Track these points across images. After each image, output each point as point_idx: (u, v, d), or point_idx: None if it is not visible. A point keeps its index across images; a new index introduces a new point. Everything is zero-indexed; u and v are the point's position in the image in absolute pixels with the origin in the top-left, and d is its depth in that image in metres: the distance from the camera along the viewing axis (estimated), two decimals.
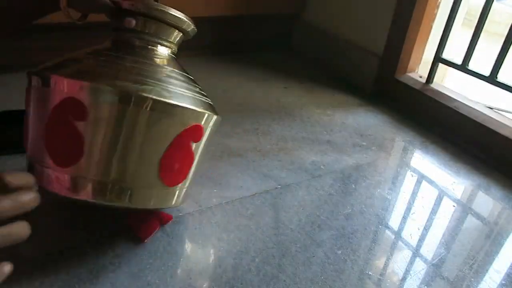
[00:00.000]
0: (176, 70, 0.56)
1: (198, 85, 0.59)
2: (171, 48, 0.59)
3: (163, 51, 0.57)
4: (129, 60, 0.52)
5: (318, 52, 1.38)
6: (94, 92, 0.47)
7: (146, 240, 0.60)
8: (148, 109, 0.48)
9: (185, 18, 0.57)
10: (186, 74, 0.58)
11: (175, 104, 0.49)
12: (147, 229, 0.61)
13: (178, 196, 0.57)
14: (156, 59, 0.55)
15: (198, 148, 0.56)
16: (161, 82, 0.51)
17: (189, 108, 0.51)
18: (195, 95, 0.55)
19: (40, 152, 0.50)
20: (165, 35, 0.57)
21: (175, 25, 0.57)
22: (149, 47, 0.56)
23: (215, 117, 0.56)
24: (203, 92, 0.58)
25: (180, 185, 0.55)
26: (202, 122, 0.54)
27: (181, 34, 0.59)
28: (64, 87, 0.47)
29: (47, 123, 0.49)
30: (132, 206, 0.52)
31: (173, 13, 0.55)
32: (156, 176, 0.51)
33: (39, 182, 0.48)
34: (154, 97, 0.48)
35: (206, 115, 0.54)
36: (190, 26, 0.59)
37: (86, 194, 0.49)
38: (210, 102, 0.58)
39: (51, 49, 1.08)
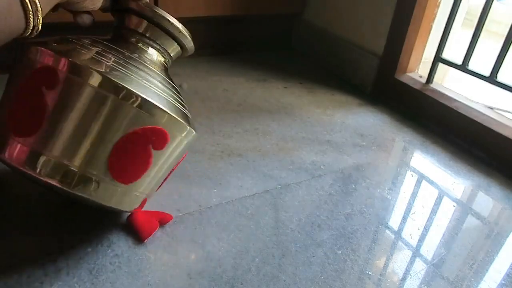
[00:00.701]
0: (161, 75, 0.55)
1: (181, 96, 0.58)
2: (164, 58, 0.59)
3: (153, 54, 0.57)
4: (116, 50, 0.52)
5: (318, 52, 1.38)
6: (71, 67, 0.46)
7: (146, 240, 0.60)
8: (113, 94, 0.47)
9: (186, 33, 0.58)
10: (171, 83, 0.57)
11: (143, 98, 0.48)
12: (147, 229, 0.61)
13: (132, 200, 0.55)
14: (145, 58, 0.55)
15: (160, 157, 0.53)
16: (139, 77, 0.50)
17: (157, 106, 0.49)
18: (173, 101, 0.53)
19: (3, 118, 0.49)
20: (162, 42, 0.57)
21: (173, 35, 0.57)
22: (141, 46, 0.56)
23: (188, 129, 0.54)
24: (184, 103, 0.57)
25: (131, 186, 0.52)
26: (169, 129, 0.51)
27: (178, 48, 0.60)
28: (44, 58, 0.48)
29: (18, 90, 0.49)
30: (93, 199, 0.50)
31: (176, 24, 0.56)
32: (105, 165, 0.49)
33: None
34: (125, 85, 0.47)
35: (178, 123, 0.52)
36: (189, 43, 0.59)
37: (44, 174, 0.47)
38: (188, 115, 0.57)
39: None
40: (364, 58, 1.20)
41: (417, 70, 1.15)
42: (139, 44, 0.56)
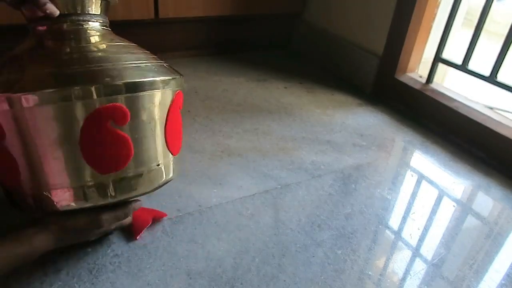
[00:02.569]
0: (121, 43, 0.53)
1: (144, 49, 0.55)
2: (101, 21, 0.53)
3: (95, 26, 0.52)
4: (63, 51, 0.48)
5: (318, 52, 1.38)
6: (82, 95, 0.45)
7: (138, 237, 0.60)
8: (124, 93, 0.47)
9: None
10: (130, 43, 0.54)
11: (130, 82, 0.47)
12: (138, 225, 0.61)
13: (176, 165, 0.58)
14: (90, 38, 0.51)
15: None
16: (118, 61, 0.48)
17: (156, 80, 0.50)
18: (152, 62, 0.52)
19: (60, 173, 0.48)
20: (91, 9, 0.52)
21: None
22: (80, 27, 0.51)
23: (180, 78, 0.55)
24: (153, 55, 0.55)
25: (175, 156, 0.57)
26: (181, 88, 0.55)
27: (105, 1, 0.54)
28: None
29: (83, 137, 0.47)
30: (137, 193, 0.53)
31: None
32: (167, 148, 0.54)
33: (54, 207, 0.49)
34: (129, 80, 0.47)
35: (178, 79, 0.54)
36: None
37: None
38: (166, 63, 0.55)
39: None
40: (364, 58, 1.20)
41: (417, 70, 1.15)
42: (79, 27, 0.50)
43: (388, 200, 0.76)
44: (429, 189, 0.81)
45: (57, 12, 0.49)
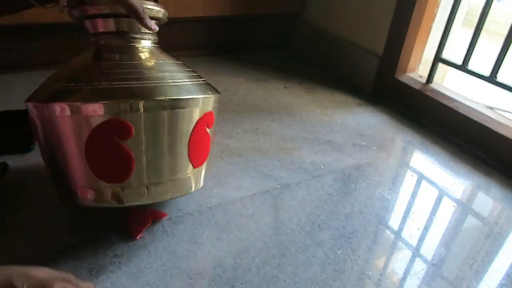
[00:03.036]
0: (167, 61, 0.58)
1: (188, 67, 0.61)
2: (151, 39, 0.59)
3: (146, 44, 0.58)
4: (120, 66, 0.53)
5: (318, 52, 1.38)
6: (133, 108, 0.49)
7: (137, 237, 0.60)
8: (166, 109, 0.51)
9: (158, 7, 0.57)
10: (176, 61, 0.59)
11: (187, 98, 0.53)
12: (138, 225, 0.61)
13: (201, 177, 0.62)
14: (141, 54, 0.56)
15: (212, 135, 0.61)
16: (163, 80, 0.53)
17: (189, 99, 0.54)
18: (194, 81, 0.57)
19: (82, 176, 0.52)
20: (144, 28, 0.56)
21: (151, 16, 0.56)
22: (132, 44, 0.56)
23: (218, 96, 0.60)
24: (196, 73, 0.60)
25: (201, 167, 0.60)
26: (211, 108, 0.58)
27: (157, 21, 0.59)
28: (98, 111, 0.49)
29: (87, 147, 0.50)
30: (172, 197, 0.57)
31: (147, 6, 0.55)
32: (188, 163, 0.56)
33: (94, 203, 0.53)
34: (167, 98, 0.51)
35: (213, 98, 0.58)
36: (164, 13, 0.59)
37: (147, 198, 0.54)
38: (206, 81, 0.61)
39: (51, 49, 1.09)
40: (364, 58, 1.20)
41: (417, 70, 1.15)
42: (130, 44, 0.56)
43: (388, 200, 0.76)
44: (429, 189, 0.81)
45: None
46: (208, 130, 0.59)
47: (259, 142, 0.90)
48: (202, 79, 0.60)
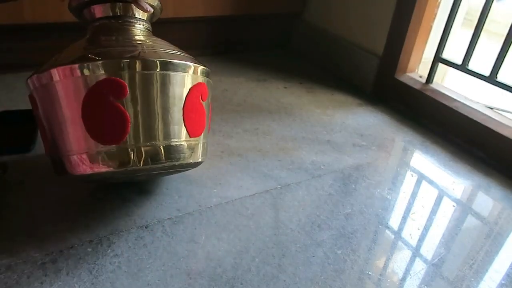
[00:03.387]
0: (159, 39, 0.63)
1: (181, 50, 0.64)
2: (145, 25, 0.64)
3: (140, 27, 0.63)
4: (116, 41, 0.57)
5: (318, 52, 1.38)
6: (127, 67, 0.52)
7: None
8: (159, 69, 0.54)
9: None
10: (169, 43, 0.63)
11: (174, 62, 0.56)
12: None
13: (204, 150, 0.64)
14: (136, 36, 0.61)
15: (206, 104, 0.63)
16: (156, 48, 0.57)
17: (192, 64, 0.58)
18: (185, 55, 0.61)
19: (79, 140, 0.53)
20: (138, 13, 0.63)
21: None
22: (127, 27, 0.61)
23: (208, 70, 0.63)
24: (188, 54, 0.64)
25: (201, 137, 0.62)
26: (203, 80, 0.61)
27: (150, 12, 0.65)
28: (95, 70, 0.51)
29: (84, 108, 0.52)
30: (182, 162, 0.59)
31: None
32: (184, 129, 0.58)
33: (78, 170, 0.54)
34: (164, 59, 0.55)
35: (203, 68, 0.61)
36: (158, 4, 0.65)
37: (142, 162, 0.55)
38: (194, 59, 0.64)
39: (51, 49, 1.08)
40: (364, 58, 1.20)
41: (417, 70, 1.15)
42: (126, 26, 0.61)
43: (388, 200, 0.76)
44: (429, 189, 0.81)
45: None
46: (202, 102, 0.61)
47: (259, 142, 0.90)
48: (191, 56, 0.63)
